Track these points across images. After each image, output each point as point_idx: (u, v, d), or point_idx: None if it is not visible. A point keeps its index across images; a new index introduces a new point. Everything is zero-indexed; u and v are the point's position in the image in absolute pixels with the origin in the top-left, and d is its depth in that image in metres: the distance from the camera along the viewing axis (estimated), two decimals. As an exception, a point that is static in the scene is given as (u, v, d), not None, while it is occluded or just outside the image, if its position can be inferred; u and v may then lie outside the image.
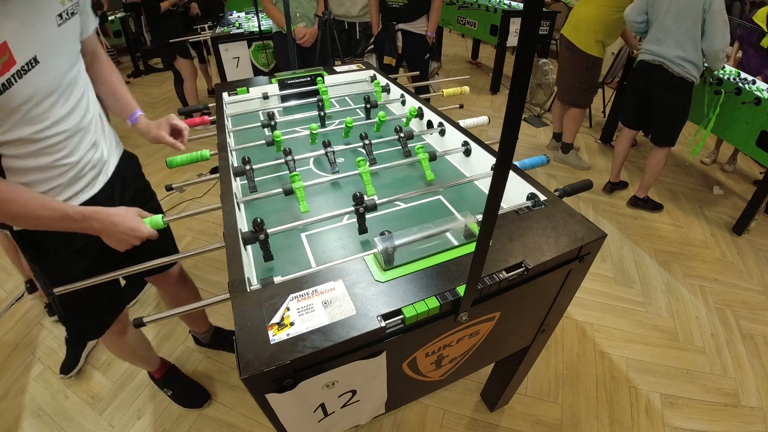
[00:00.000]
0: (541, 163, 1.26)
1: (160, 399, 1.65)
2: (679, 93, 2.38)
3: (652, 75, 2.43)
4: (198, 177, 1.31)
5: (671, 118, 2.46)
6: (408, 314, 0.74)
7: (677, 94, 2.38)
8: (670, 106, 2.43)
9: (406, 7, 2.74)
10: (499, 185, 0.58)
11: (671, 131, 2.50)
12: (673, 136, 2.51)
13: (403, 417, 1.60)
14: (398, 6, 2.75)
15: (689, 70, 2.29)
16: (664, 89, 2.41)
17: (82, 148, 1.00)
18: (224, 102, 1.73)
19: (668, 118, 2.47)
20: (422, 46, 2.89)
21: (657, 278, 2.24)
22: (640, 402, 1.66)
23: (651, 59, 2.41)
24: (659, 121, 2.52)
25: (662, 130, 2.52)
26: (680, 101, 2.41)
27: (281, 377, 0.67)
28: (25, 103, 0.82)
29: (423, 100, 1.65)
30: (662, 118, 2.49)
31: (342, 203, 1.20)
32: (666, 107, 2.45)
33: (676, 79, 2.33)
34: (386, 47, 2.86)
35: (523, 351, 1.25)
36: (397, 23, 2.81)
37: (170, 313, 0.84)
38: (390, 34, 2.82)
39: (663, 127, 2.51)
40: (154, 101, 4.55)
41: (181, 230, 2.54)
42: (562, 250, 0.89)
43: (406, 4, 2.73)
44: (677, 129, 2.49)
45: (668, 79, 2.35)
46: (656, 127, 2.55)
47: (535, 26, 0.46)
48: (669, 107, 2.44)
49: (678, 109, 2.43)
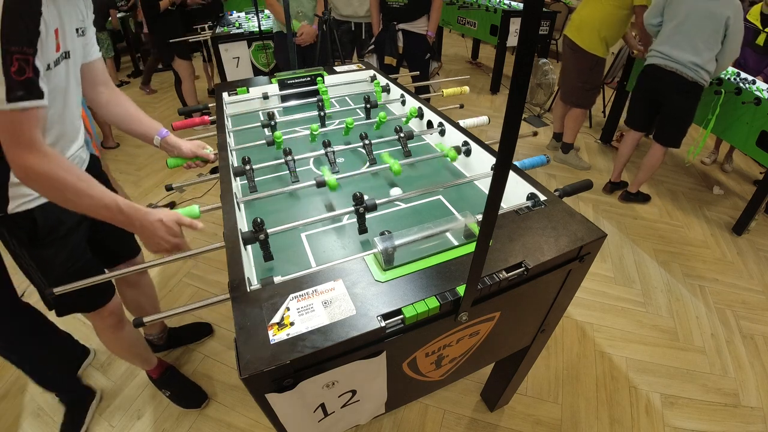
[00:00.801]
0: (541, 163, 1.26)
1: (160, 399, 1.65)
2: (691, 97, 2.38)
3: (663, 80, 2.41)
4: (198, 177, 1.31)
5: (679, 121, 2.47)
6: (408, 314, 0.74)
7: (690, 99, 2.39)
8: (681, 110, 2.43)
9: (407, 7, 2.74)
10: (499, 185, 0.58)
11: (677, 133, 2.50)
12: (678, 137, 2.51)
13: (403, 417, 1.60)
14: (398, 6, 2.75)
15: (702, 76, 2.29)
16: (676, 94, 2.39)
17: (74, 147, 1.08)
18: (224, 102, 1.73)
19: (676, 122, 2.48)
20: (423, 46, 2.89)
21: (657, 278, 2.24)
22: (640, 402, 1.66)
23: (663, 64, 2.38)
24: (667, 124, 2.52)
25: (669, 131, 2.52)
26: (691, 105, 2.41)
27: (281, 377, 0.67)
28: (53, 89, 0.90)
29: (423, 100, 1.65)
30: (670, 121, 2.50)
31: (342, 203, 1.20)
32: (677, 111, 2.45)
33: (689, 83, 2.32)
34: (387, 47, 2.85)
35: (523, 351, 1.25)
36: (397, 23, 2.81)
37: (170, 313, 0.84)
38: (390, 34, 2.81)
39: (670, 129, 2.52)
40: (154, 101, 4.55)
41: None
42: (562, 250, 0.89)
43: (407, 4, 2.73)
44: (683, 131, 2.50)
45: (681, 84, 2.34)
46: (663, 128, 2.55)
47: (535, 26, 0.46)
48: (680, 111, 2.44)
49: (687, 112, 2.44)
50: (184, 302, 2.04)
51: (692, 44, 2.26)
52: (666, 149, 2.57)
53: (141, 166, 3.31)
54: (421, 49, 2.90)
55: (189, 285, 2.19)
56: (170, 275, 2.25)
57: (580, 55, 2.87)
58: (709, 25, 2.19)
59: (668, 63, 2.35)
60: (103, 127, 3.50)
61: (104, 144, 3.58)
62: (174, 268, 2.29)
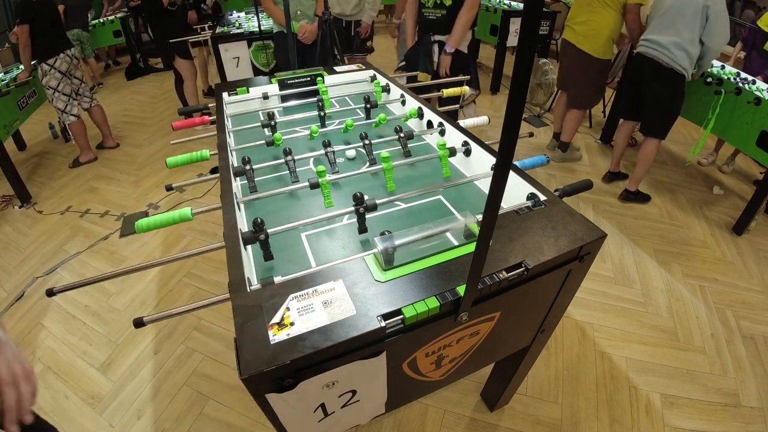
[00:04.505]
0: (541, 163, 1.26)
1: (160, 399, 1.65)
2: (668, 84, 2.44)
3: (643, 66, 2.51)
4: (198, 177, 1.31)
5: (660, 109, 2.53)
6: (408, 314, 0.74)
7: (666, 86, 2.45)
8: (659, 97, 2.50)
9: (444, 18, 2.39)
10: (499, 185, 0.58)
11: (660, 123, 2.56)
12: (662, 127, 2.56)
13: (403, 417, 1.60)
14: (436, 17, 2.42)
15: (680, 60, 2.34)
16: (654, 80, 2.48)
17: None
18: (224, 102, 1.73)
19: (657, 109, 2.54)
20: (459, 63, 2.49)
21: (657, 278, 2.24)
22: (640, 402, 1.66)
23: (645, 51, 2.49)
24: (649, 111, 2.60)
25: (651, 120, 2.59)
26: (669, 93, 2.47)
27: (281, 377, 0.67)
28: None
29: (423, 100, 1.65)
30: (652, 108, 2.56)
31: (342, 203, 1.20)
32: (655, 97, 2.52)
33: (666, 70, 2.39)
34: (421, 62, 2.50)
35: (523, 351, 1.25)
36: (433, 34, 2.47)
37: (170, 313, 0.84)
38: (425, 47, 2.47)
39: (652, 117, 2.58)
40: (154, 101, 4.55)
41: (181, 230, 2.55)
42: (562, 250, 0.89)
43: (445, 14, 2.39)
44: (666, 121, 2.55)
45: (658, 70, 2.43)
46: (646, 117, 2.63)
47: (535, 26, 0.46)
48: (658, 98, 2.51)
49: (667, 100, 2.49)
50: (184, 302, 2.04)
51: (674, 27, 2.34)
52: (658, 142, 2.60)
53: (141, 166, 3.31)
54: (458, 68, 2.49)
55: (189, 285, 2.19)
56: (170, 275, 2.25)
57: (592, 63, 2.85)
58: (689, 10, 2.28)
59: (649, 50, 2.46)
60: (103, 128, 3.50)
61: (104, 144, 3.58)
62: (174, 268, 2.29)
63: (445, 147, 1.28)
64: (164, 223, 1.05)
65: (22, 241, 2.59)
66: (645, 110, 2.62)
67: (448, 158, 1.29)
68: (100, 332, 1.96)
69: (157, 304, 2.09)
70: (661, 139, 2.59)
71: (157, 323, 1.72)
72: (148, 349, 1.87)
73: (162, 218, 1.05)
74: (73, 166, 3.36)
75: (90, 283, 0.91)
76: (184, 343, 1.88)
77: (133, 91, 4.90)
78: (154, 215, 1.05)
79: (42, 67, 2.98)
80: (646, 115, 2.62)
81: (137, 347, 1.88)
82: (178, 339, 1.90)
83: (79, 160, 3.37)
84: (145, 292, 2.16)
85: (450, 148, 1.29)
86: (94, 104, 3.39)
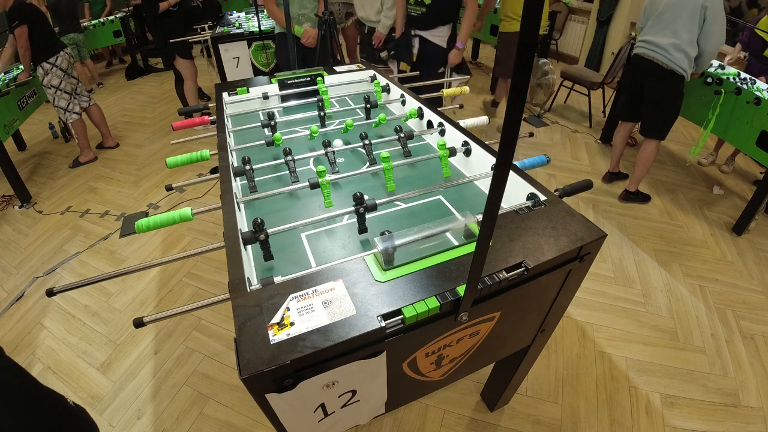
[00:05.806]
0: (541, 163, 1.26)
1: (160, 399, 1.65)
2: (668, 85, 2.43)
3: (642, 67, 2.49)
4: (198, 177, 1.31)
5: (660, 110, 2.51)
6: (408, 314, 0.74)
7: (666, 86, 2.44)
8: (659, 98, 2.49)
9: (424, 15, 2.60)
10: (499, 185, 0.58)
11: (660, 124, 2.54)
12: (662, 128, 2.55)
13: (403, 417, 1.59)
14: (417, 14, 2.62)
15: (679, 61, 2.33)
16: (654, 81, 2.47)
17: None
18: (224, 102, 1.73)
19: (657, 110, 2.52)
20: (437, 57, 2.72)
21: (657, 278, 2.24)
22: (640, 402, 1.66)
23: (643, 53, 2.47)
24: (648, 112, 2.58)
25: (651, 121, 2.57)
26: (669, 93, 2.46)
27: (281, 377, 0.67)
28: None
29: (423, 100, 1.65)
30: (651, 109, 2.55)
31: (342, 203, 1.20)
32: (655, 98, 2.50)
33: (665, 71, 2.38)
34: (403, 52, 2.76)
35: (523, 351, 1.25)
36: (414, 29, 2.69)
37: (170, 313, 0.84)
38: (406, 39, 2.71)
39: (652, 118, 2.56)
40: (154, 101, 4.55)
41: (181, 230, 2.55)
42: (562, 250, 0.89)
43: (425, 12, 2.58)
44: (666, 122, 2.53)
45: (658, 71, 2.41)
46: (645, 118, 2.61)
47: (535, 26, 0.46)
48: (658, 98, 2.49)
49: (667, 101, 2.48)
50: (184, 302, 2.04)
51: (672, 28, 2.32)
52: (658, 143, 2.60)
53: (141, 166, 3.31)
54: (434, 60, 2.73)
55: (189, 285, 2.19)
56: (170, 275, 2.25)
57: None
58: (687, 10, 2.26)
59: (647, 51, 2.44)
60: (101, 127, 3.50)
61: (104, 144, 3.58)
62: (174, 268, 2.29)
63: (445, 147, 1.28)
64: (164, 223, 1.05)
65: (22, 241, 2.59)
66: (644, 111, 2.61)
67: (448, 158, 1.29)
68: (100, 332, 1.96)
69: (157, 304, 2.09)
70: (661, 140, 2.59)
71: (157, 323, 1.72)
72: (148, 349, 1.87)
73: (162, 218, 1.05)
74: (73, 166, 3.37)
75: (90, 283, 0.91)
76: (184, 343, 1.88)
77: (133, 91, 4.90)
78: (154, 215, 1.05)
79: (43, 66, 2.98)
80: (646, 116, 2.61)
81: (137, 347, 1.88)
82: (178, 339, 1.90)
83: (79, 160, 3.37)
84: (145, 292, 2.16)
85: (450, 148, 1.29)
86: (92, 103, 3.40)
